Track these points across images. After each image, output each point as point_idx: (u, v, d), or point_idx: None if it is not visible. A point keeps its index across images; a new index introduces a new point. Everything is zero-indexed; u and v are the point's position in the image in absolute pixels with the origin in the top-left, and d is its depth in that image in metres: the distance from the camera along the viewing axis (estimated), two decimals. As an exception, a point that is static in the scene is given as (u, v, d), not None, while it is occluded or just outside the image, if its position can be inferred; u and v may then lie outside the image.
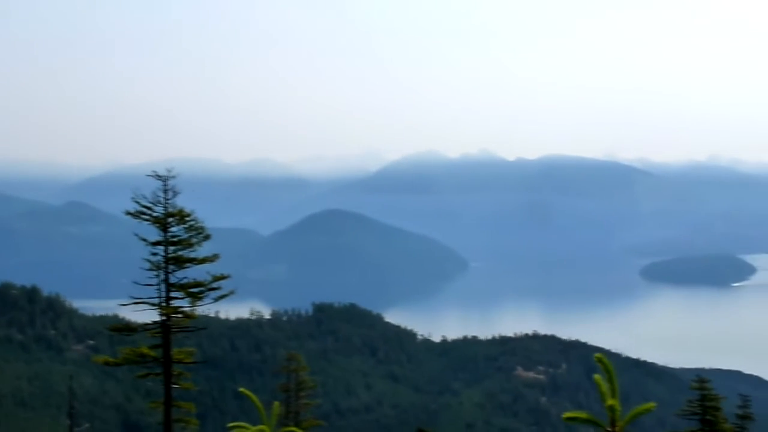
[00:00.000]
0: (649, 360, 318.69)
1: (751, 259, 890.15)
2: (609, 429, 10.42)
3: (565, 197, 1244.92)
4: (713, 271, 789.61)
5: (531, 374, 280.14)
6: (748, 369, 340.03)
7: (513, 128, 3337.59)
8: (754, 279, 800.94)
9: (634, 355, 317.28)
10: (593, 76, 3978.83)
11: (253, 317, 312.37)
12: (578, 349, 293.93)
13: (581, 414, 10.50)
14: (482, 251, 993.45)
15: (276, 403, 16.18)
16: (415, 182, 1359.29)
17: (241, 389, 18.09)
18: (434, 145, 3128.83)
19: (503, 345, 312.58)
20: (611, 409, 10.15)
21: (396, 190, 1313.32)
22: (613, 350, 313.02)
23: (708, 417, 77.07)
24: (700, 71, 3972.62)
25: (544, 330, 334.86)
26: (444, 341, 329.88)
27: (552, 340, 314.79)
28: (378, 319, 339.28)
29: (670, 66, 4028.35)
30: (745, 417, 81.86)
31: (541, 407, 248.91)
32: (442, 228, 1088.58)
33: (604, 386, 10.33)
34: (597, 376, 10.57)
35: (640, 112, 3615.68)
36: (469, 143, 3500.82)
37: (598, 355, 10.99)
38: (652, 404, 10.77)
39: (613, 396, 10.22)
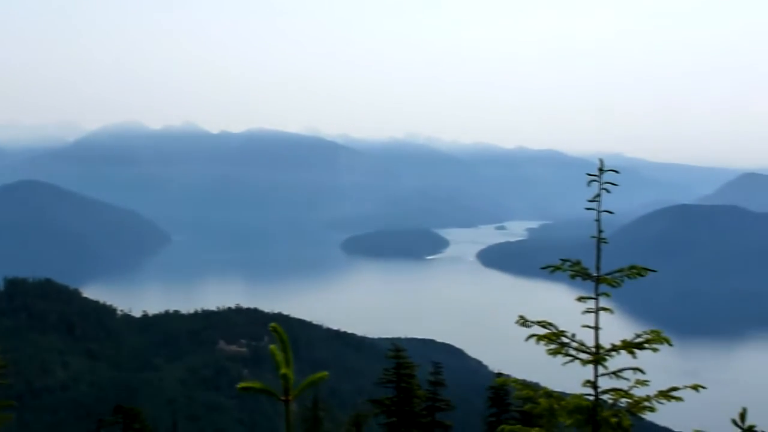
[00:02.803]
0: (349, 331, 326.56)
1: (444, 233, 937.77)
2: (283, 398, 9.21)
3: (268, 171, 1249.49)
4: (410, 244, 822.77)
5: (233, 347, 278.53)
6: (440, 337, 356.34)
7: (218, 101, 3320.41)
8: (447, 252, 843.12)
9: (334, 327, 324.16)
10: (298, 53, 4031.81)
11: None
12: (280, 322, 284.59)
13: (255, 384, 9.85)
14: (185, 225, 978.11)
15: None
16: (116, 153, 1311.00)
17: None
18: (135, 116, 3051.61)
19: (206, 319, 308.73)
20: (284, 377, 9.16)
21: (95, 161, 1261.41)
22: (315, 322, 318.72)
23: (403, 384, 78.54)
24: (399, 52, 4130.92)
25: (246, 303, 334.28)
26: (145, 316, 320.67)
27: (254, 313, 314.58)
28: (75, 295, 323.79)
29: (371, 45, 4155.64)
30: (437, 383, 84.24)
31: (244, 380, 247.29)
32: (144, 200, 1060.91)
33: (280, 356, 9.16)
34: (272, 347, 9.20)
35: (343, 88, 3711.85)
36: (173, 115, 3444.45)
37: (272, 324, 9.58)
38: (324, 373, 10.06)
39: (288, 365, 9.15)
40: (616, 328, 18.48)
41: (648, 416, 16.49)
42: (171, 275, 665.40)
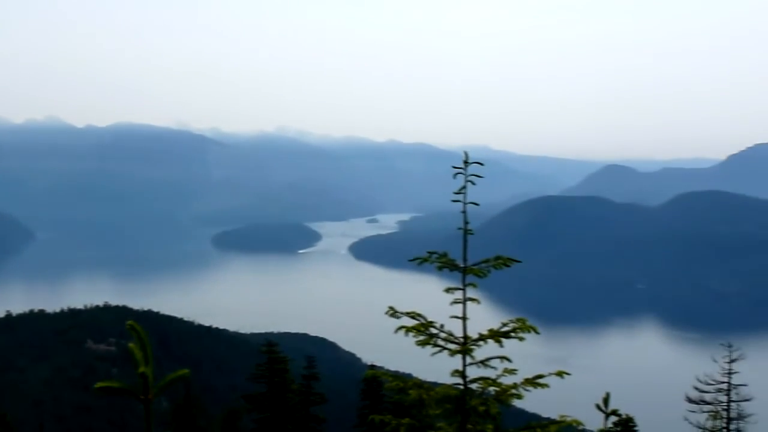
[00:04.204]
0: (222, 327, 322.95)
1: (316, 226, 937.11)
2: (142, 396, 9.20)
3: (135, 166, 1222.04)
4: (282, 238, 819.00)
5: (102, 346, 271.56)
6: (314, 331, 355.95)
7: (83, 95, 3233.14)
8: (319, 245, 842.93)
9: (206, 323, 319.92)
10: (164, 44, 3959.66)
11: None
12: (150, 319, 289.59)
13: (114, 383, 9.82)
14: (50, 222, 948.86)
15: None
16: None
17: None
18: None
19: (73, 318, 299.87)
20: (143, 376, 9.10)
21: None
22: (186, 318, 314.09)
23: (276, 379, 78.41)
24: (269, 45, 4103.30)
25: (115, 301, 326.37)
26: (8, 316, 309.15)
27: (123, 311, 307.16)
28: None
29: (240, 38, 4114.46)
30: (310, 377, 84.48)
31: (113, 379, 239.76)
32: (6, 197, 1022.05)
33: (139, 354, 9.13)
34: (131, 345, 9.14)
35: (212, 81, 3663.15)
36: (35, 109, 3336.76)
37: (129, 322, 9.37)
38: (185, 370, 9.89)
39: (147, 363, 9.10)
40: (487, 317, 18.81)
41: (518, 403, 16.82)
42: (35, 274, 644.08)
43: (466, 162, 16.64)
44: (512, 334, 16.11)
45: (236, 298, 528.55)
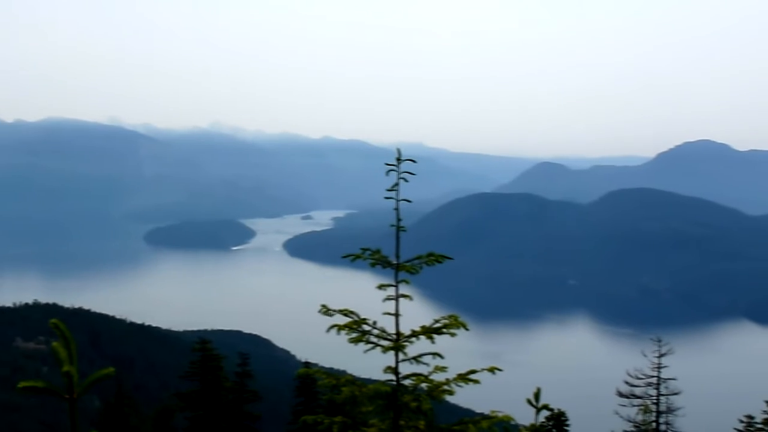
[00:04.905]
0: (154, 324, 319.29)
1: (250, 223, 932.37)
2: (67, 396, 9.21)
3: (66, 162, 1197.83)
4: (215, 235, 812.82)
5: (31, 345, 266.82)
6: (247, 328, 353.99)
7: (12, 89, 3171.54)
8: (253, 242, 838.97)
9: (138, 320, 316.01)
10: (96, 38, 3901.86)
11: None
12: (81, 317, 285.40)
13: (38, 383, 9.48)
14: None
15: None
16: None
17: None
18: None
19: (1, 316, 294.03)
20: (67, 375, 9.09)
21: None
22: (118, 316, 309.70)
23: (209, 377, 77.89)
24: (201, 40, 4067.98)
25: (45, 299, 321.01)
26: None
27: (53, 308, 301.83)
28: None
29: (173, 32, 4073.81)
30: (244, 374, 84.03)
31: (43, 377, 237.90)
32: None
33: (63, 353, 9.11)
34: (55, 344, 9.12)
35: (145, 76, 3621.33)
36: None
37: (53, 321, 9.32)
38: (111, 369, 9.54)
39: (71, 362, 9.09)
40: (421, 314, 18.87)
41: (451, 399, 16.94)
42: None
43: (398, 159, 16.69)
44: (444, 331, 16.20)
45: (169, 296, 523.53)
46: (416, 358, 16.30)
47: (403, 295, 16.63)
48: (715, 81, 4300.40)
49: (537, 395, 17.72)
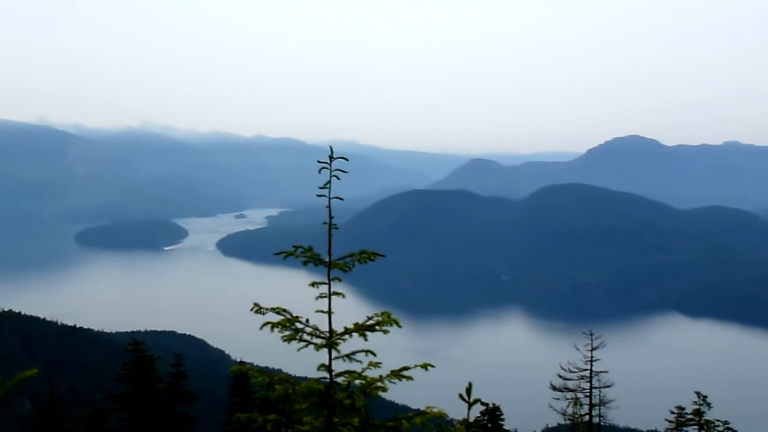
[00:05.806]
0: (86, 326, 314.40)
1: (183, 222, 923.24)
2: None
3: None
4: (147, 235, 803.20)
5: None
6: (181, 329, 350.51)
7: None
8: (186, 242, 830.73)
9: (70, 322, 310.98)
10: (26, 36, 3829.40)
11: None
12: (12, 320, 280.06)
13: None
14: None
15: None
16: None
17: None
18: None
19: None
20: None
21: None
22: (49, 318, 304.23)
23: (143, 378, 77.15)
24: (132, 38, 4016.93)
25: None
26: None
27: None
28: None
29: (102, 30, 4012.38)
30: (178, 375, 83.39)
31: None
32: None
33: None
34: None
35: (75, 75, 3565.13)
36: None
37: None
38: (34, 370, 9.62)
39: None
40: (355, 311, 18.95)
41: (386, 396, 17.09)
42: None
43: (331, 157, 16.77)
44: (377, 328, 16.33)
45: (101, 297, 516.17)
46: (349, 356, 16.41)
47: (336, 293, 16.72)
48: (642, 77, 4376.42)
49: (469, 390, 17.94)
